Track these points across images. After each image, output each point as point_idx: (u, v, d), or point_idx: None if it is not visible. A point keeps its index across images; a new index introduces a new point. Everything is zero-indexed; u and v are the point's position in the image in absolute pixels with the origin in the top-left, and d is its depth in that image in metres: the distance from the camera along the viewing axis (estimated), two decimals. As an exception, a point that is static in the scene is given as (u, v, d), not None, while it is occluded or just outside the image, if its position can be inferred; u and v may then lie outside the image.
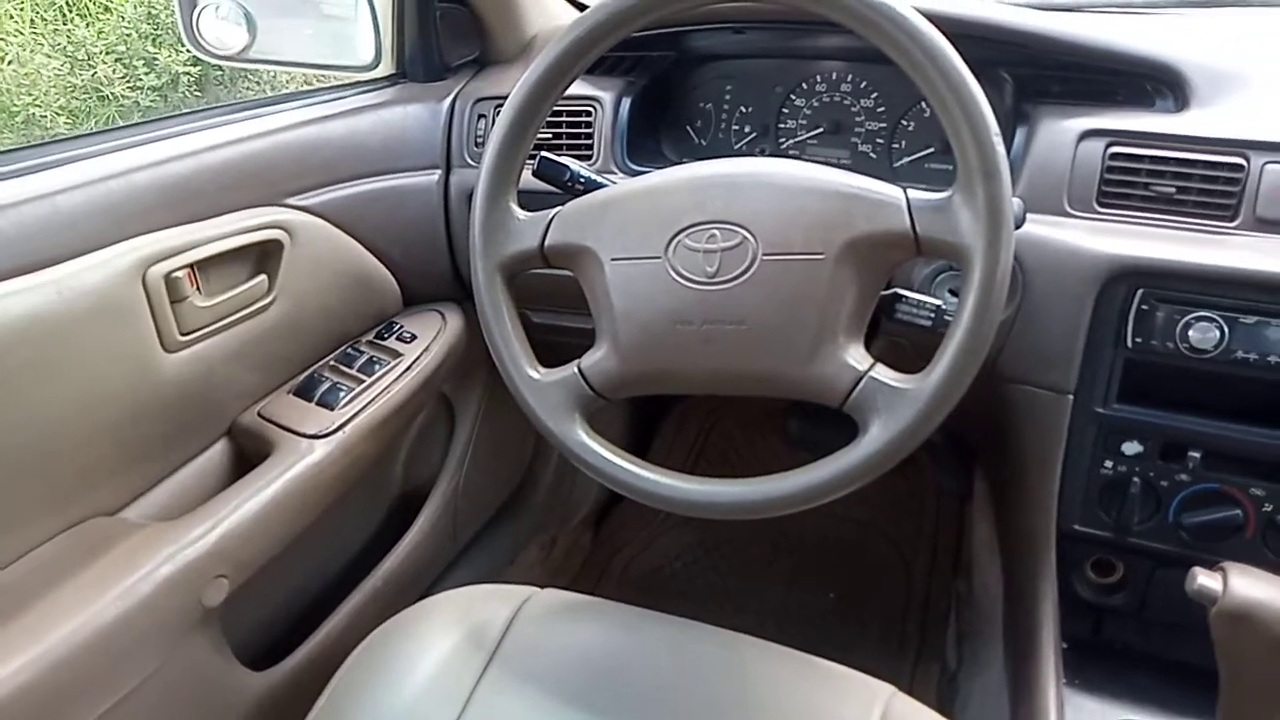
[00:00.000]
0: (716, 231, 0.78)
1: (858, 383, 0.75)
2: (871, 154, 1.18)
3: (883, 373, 0.75)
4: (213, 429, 1.05)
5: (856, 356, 0.76)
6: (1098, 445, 0.98)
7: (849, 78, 1.18)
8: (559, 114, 1.16)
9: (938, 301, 0.84)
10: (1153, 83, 1.01)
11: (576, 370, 0.83)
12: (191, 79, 3.95)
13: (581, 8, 1.31)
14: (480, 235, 0.86)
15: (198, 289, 0.95)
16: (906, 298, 0.84)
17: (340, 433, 1.04)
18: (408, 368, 1.15)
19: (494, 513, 1.58)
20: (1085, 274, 0.94)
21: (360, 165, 1.15)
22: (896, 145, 1.17)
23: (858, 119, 1.19)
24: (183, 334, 0.95)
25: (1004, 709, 1.10)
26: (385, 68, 1.25)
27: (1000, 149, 0.71)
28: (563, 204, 0.86)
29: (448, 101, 1.23)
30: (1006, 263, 0.71)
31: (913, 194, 0.76)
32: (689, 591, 1.68)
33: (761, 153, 1.23)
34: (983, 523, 1.44)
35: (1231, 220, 0.93)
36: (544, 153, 0.96)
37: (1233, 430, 0.93)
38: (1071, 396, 0.97)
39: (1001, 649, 1.20)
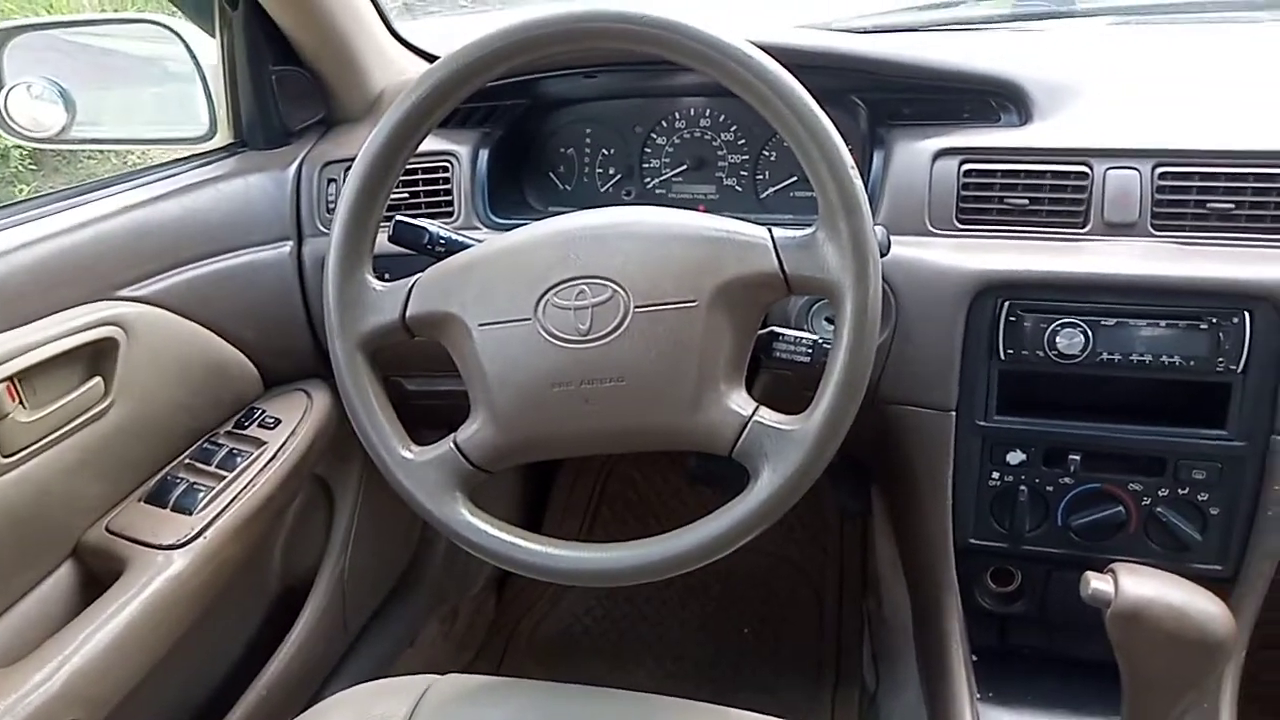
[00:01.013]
0: (585, 287, 0.76)
1: (744, 429, 0.74)
2: (737, 187, 1.18)
3: (767, 416, 0.74)
4: (55, 552, 0.95)
5: (739, 402, 0.75)
6: (983, 458, 0.99)
7: (707, 113, 1.18)
8: (414, 172, 1.12)
9: (814, 336, 0.83)
10: (996, 99, 1.04)
11: (453, 446, 0.79)
12: (24, 154, 3.70)
13: (430, 58, 1.27)
14: (335, 311, 0.80)
15: (20, 403, 0.86)
16: (783, 335, 0.83)
17: (201, 539, 0.96)
18: (273, 456, 1.07)
19: (387, 594, 1.50)
20: (953, 291, 0.95)
21: (202, 245, 1.08)
22: (761, 176, 1.17)
23: (720, 153, 1.19)
24: (6, 455, 0.85)
25: None
26: (222, 137, 1.18)
27: (858, 183, 0.71)
28: (424, 269, 0.82)
29: (293, 168, 1.16)
30: (876, 295, 0.71)
31: (778, 233, 0.75)
32: (602, 648, 1.63)
33: (627, 194, 1.21)
34: (885, 540, 1.45)
35: (1083, 226, 0.96)
36: (399, 216, 0.91)
37: (1106, 430, 0.96)
38: (954, 413, 0.98)
39: (915, 665, 1.20)
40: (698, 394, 0.74)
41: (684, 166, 1.19)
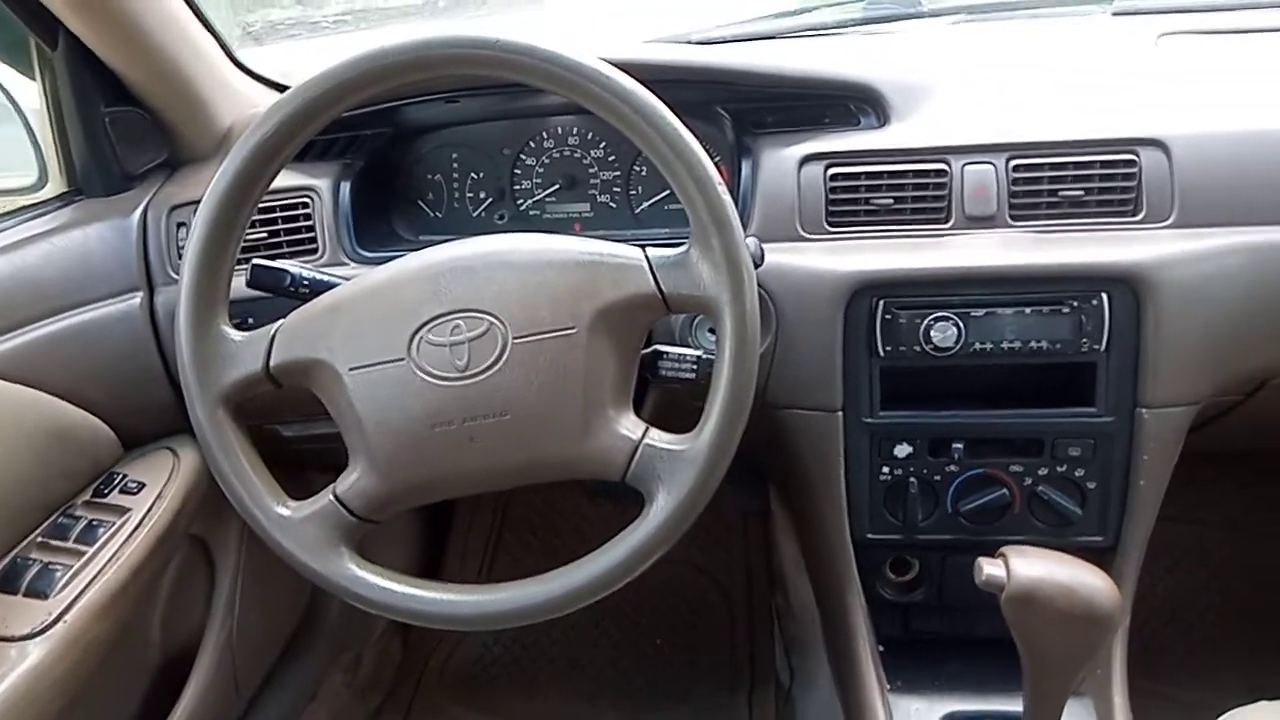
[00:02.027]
0: (460, 321, 0.73)
1: (634, 453, 0.73)
2: (611, 203, 1.17)
3: (658, 437, 0.74)
4: None
5: (628, 425, 0.74)
6: (873, 454, 1.01)
7: (575, 131, 1.17)
8: (271, 209, 1.06)
9: (697, 352, 0.83)
10: (854, 102, 1.06)
11: (332, 498, 0.75)
12: None
13: (279, 88, 1.21)
14: (191, 367, 0.75)
15: None
16: (667, 354, 0.83)
17: (61, 624, 0.88)
18: (139, 523, 0.99)
19: (281, 651, 1.42)
20: (830, 294, 0.97)
21: (36, 306, 0.99)
22: (634, 191, 1.17)
23: (591, 170, 1.17)
24: None
25: (839, 717, 1.11)
26: (55, 186, 1.10)
27: (726, 198, 0.71)
28: (289, 312, 0.77)
29: (137, 214, 1.09)
30: (753, 308, 0.72)
31: (653, 253, 0.75)
32: (516, 676, 1.59)
33: (500, 218, 1.18)
34: (787, 538, 1.47)
35: (946, 222, 0.99)
36: (256, 259, 0.86)
37: (985, 417, 0.99)
38: (840, 412, 1.00)
39: (827, 658, 1.22)
40: (585, 422, 0.73)
41: (556, 186, 1.18)
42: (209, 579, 1.25)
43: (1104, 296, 0.94)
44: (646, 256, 0.74)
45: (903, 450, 1.01)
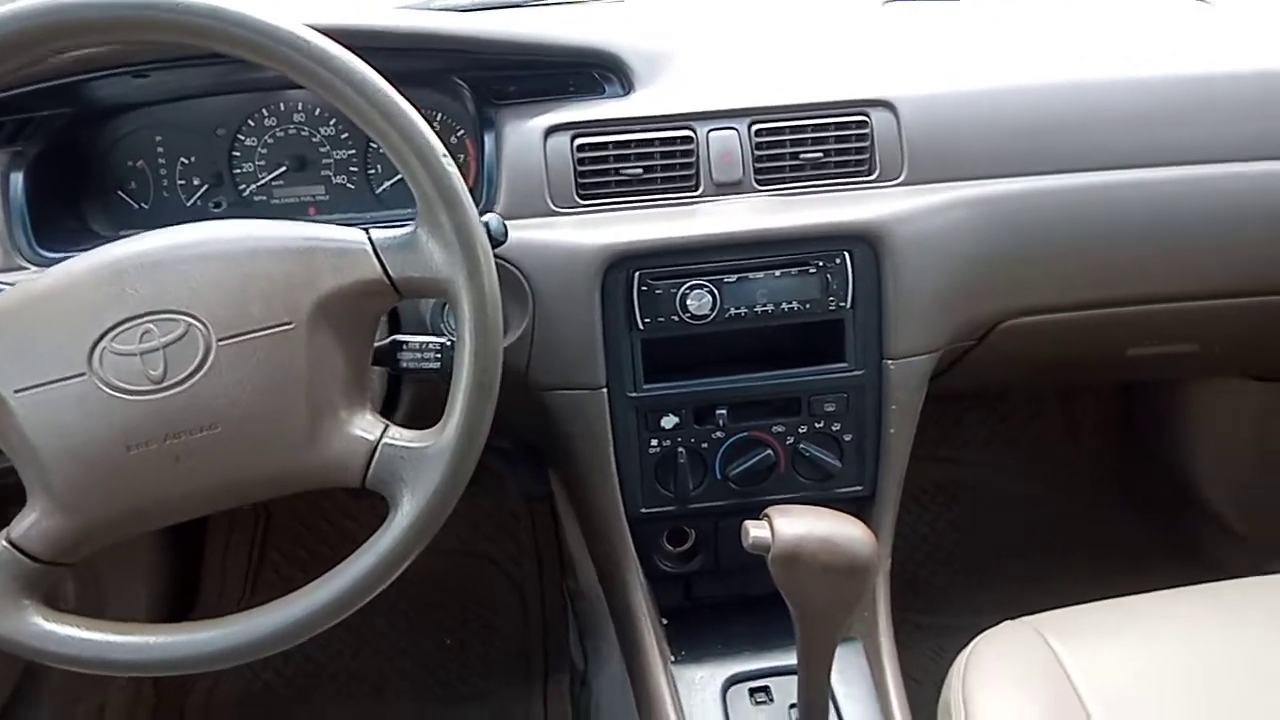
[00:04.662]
0: (152, 325, 0.64)
1: (373, 455, 0.67)
2: (349, 184, 1.08)
3: (398, 435, 0.68)
4: None
5: (364, 426, 0.68)
6: (640, 427, 1.00)
7: (300, 106, 1.07)
8: None
9: (441, 339, 0.77)
10: (598, 70, 1.03)
11: (6, 544, 0.64)
12: None
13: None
14: None
15: None
16: (407, 344, 0.76)
17: None
18: None
19: None
20: (584, 269, 0.94)
21: None
22: (374, 171, 1.08)
23: (323, 150, 1.07)
24: None
25: (630, 697, 1.10)
26: None
27: (453, 171, 0.66)
28: None
29: None
30: (493, 288, 0.67)
31: (377, 235, 0.68)
32: (291, 699, 1.47)
33: (218, 206, 1.06)
34: (571, 520, 1.44)
35: (695, 189, 0.99)
36: None
37: (746, 380, 1.00)
38: (604, 389, 0.97)
39: (615, 638, 1.20)
40: (312, 427, 0.66)
41: (283, 168, 1.07)
42: None
43: (846, 255, 0.97)
44: (370, 239, 0.68)
45: (669, 421, 1.00)
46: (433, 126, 0.66)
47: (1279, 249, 1.08)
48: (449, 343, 0.76)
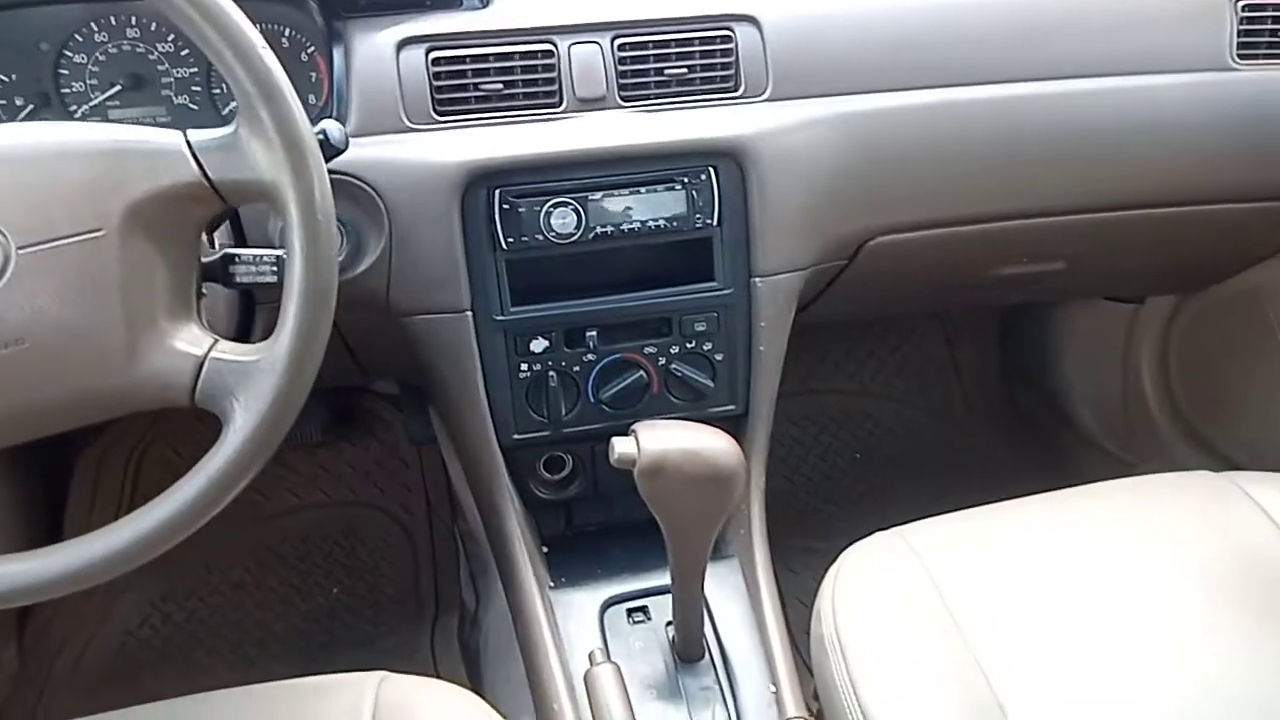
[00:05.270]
0: None
1: (199, 370, 0.64)
2: (192, 104, 1.02)
3: (227, 349, 0.65)
4: None
5: (189, 340, 0.64)
6: (509, 352, 0.98)
7: (133, 21, 0.99)
8: None
9: (277, 251, 0.73)
10: None
11: None
12: None
13: None
14: None
15: None
16: (239, 256, 0.72)
17: None
18: None
19: None
20: (442, 186, 0.91)
21: None
22: (218, 90, 1.02)
23: (161, 67, 1.01)
24: None
25: (512, 627, 1.09)
26: None
27: (273, 63, 0.62)
28: None
29: None
30: (323, 188, 0.64)
31: (194, 135, 0.64)
32: (170, 656, 1.42)
33: (46, 127, 0.99)
34: (452, 456, 1.41)
35: (558, 105, 0.96)
36: None
37: (616, 301, 0.99)
38: (469, 312, 0.95)
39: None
40: (131, 341, 0.62)
41: (118, 87, 1.00)
42: None
43: (711, 171, 0.96)
44: (187, 140, 0.64)
45: (539, 345, 0.98)
46: (280, 43, 0.62)
47: (1134, 165, 1.11)
48: (282, 255, 0.73)
